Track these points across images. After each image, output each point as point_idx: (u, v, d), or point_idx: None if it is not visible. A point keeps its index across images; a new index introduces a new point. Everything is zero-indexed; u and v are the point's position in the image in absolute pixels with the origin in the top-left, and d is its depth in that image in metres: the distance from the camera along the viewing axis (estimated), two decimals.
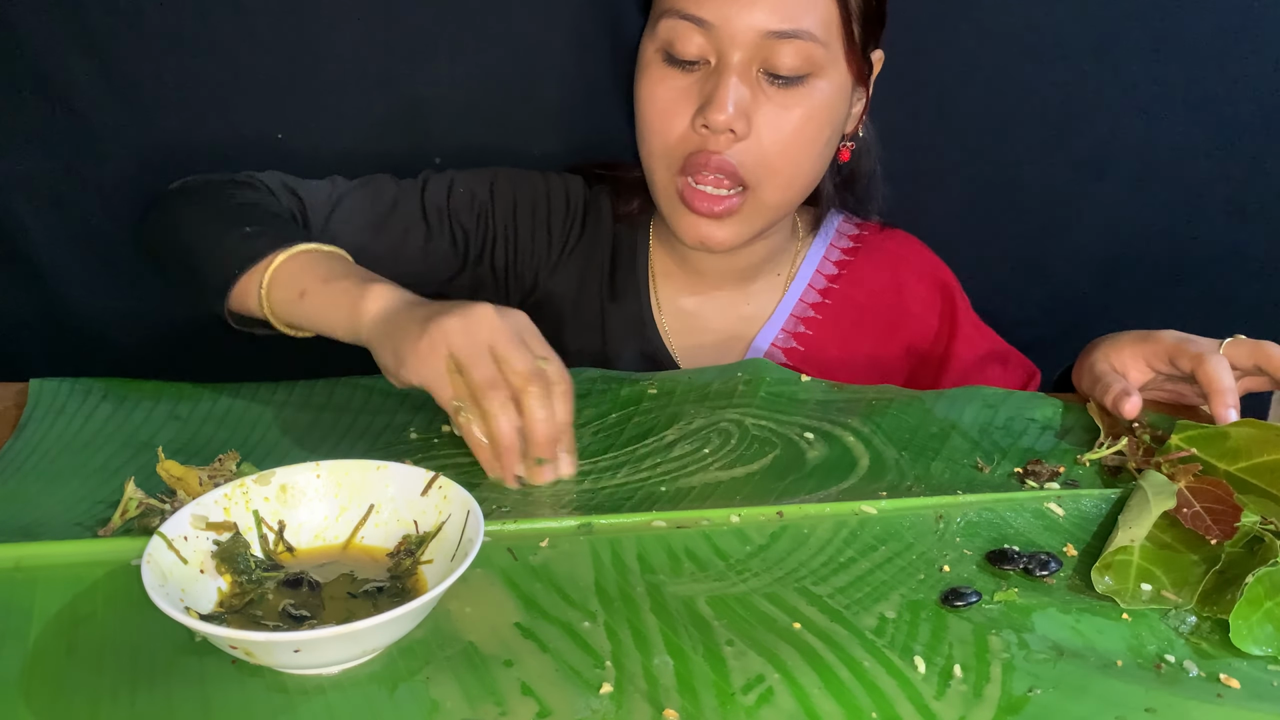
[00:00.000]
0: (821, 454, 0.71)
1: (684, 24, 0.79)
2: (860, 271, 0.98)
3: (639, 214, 0.96)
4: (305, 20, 0.94)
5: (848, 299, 0.97)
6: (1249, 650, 0.52)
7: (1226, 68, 1.03)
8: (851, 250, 0.99)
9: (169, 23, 0.92)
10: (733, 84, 0.79)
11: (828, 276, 0.98)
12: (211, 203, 0.84)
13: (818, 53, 0.80)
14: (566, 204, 0.96)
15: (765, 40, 0.78)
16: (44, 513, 0.61)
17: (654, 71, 0.83)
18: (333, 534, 0.57)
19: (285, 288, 0.75)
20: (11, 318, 1.02)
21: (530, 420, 0.65)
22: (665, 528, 0.61)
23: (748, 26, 0.78)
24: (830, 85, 0.82)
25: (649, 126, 0.84)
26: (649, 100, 0.83)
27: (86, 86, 0.93)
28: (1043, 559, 0.58)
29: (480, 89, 0.99)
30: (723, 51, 0.79)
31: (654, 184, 0.87)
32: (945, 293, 0.99)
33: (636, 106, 0.85)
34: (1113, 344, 0.82)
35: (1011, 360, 1.00)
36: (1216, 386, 0.73)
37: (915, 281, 0.99)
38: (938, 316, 0.99)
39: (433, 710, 0.46)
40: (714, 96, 0.79)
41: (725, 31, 0.78)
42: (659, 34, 0.81)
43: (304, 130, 0.98)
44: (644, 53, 0.84)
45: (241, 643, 0.45)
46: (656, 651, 0.50)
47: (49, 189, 0.97)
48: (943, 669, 0.50)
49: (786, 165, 0.83)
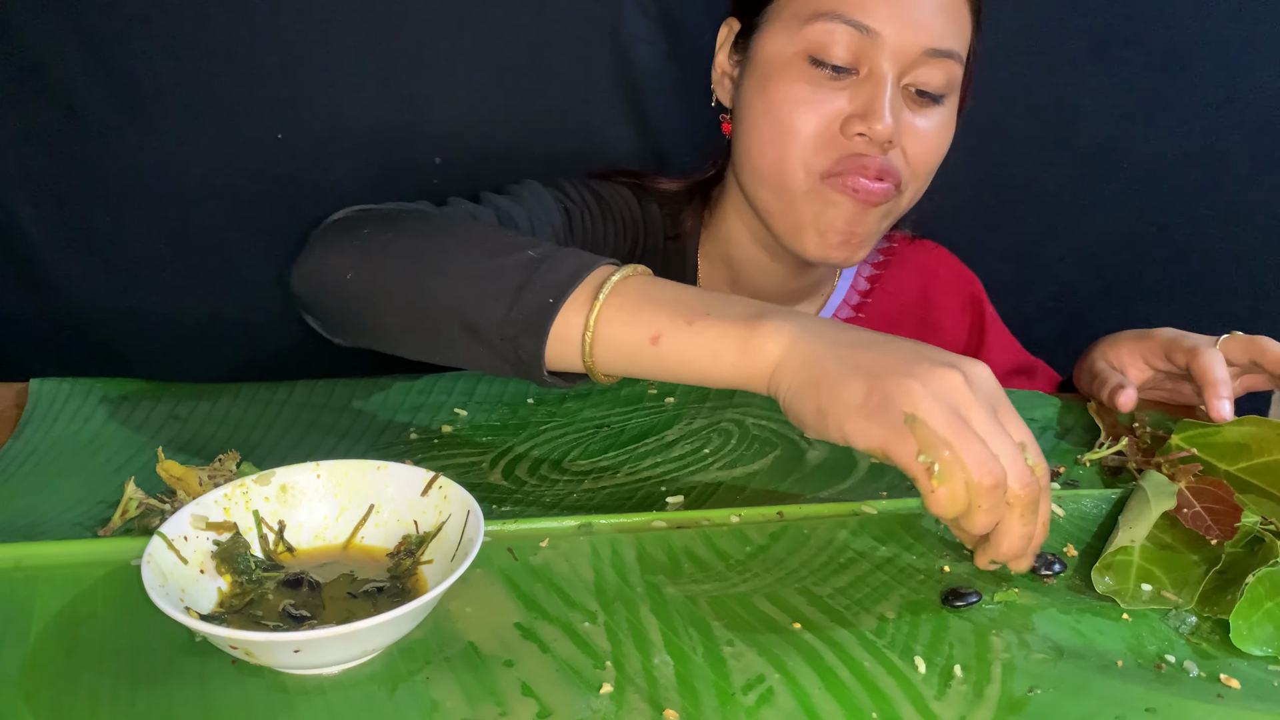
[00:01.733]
0: (822, 454, 0.71)
1: (844, 29, 0.77)
2: (891, 285, 0.98)
3: (690, 232, 0.93)
4: (305, 20, 0.94)
5: (880, 314, 0.97)
6: (1249, 650, 0.52)
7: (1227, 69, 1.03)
8: (882, 264, 0.99)
9: (169, 23, 0.92)
10: (890, 93, 0.77)
11: (861, 293, 0.98)
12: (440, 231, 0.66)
13: (958, 75, 0.80)
14: (628, 215, 0.93)
15: (920, 56, 0.77)
16: (44, 513, 0.61)
17: (796, 72, 0.79)
18: (333, 534, 0.57)
19: (625, 329, 0.58)
20: (11, 318, 1.02)
21: (1007, 532, 0.53)
22: (665, 528, 0.61)
23: (913, 42, 0.76)
24: (954, 106, 0.83)
25: (789, 126, 0.79)
26: (791, 100, 0.79)
27: (86, 86, 0.93)
28: (1047, 559, 0.58)
29: (480, 89, 0.99)
30: (879, 62, 0.77)
31: (788, 188, 0.81)
32: (975, 306, 1.00)
33: (765, 106, 0.81)
34: (1111, 343, 0.83)
35: (1038, 372, 1.01)
36: (1210, 378, 0.73)
37: (945, 295, 0.99)
38: (966, 331, 0.99)
39: (433, 710, 0.46)
40: (875, 106, 0.76)
41: (891, 43, 0.76)
42: (806, 35, 0.78)
43: (304, 130, 0.98)
44: (779, 54, 0.80)
45: (241, 643, 0.45)
46: (656, 651, 0.50)
47: (49, 189, 0.97)
48: (943, 669, 0.50)
49: (924, 174, 0.83)
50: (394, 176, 1.01)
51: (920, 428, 0.50)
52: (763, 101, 0.81)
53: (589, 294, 0.59)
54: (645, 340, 0.58)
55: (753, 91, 0.82)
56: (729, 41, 0.86)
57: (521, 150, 1.02)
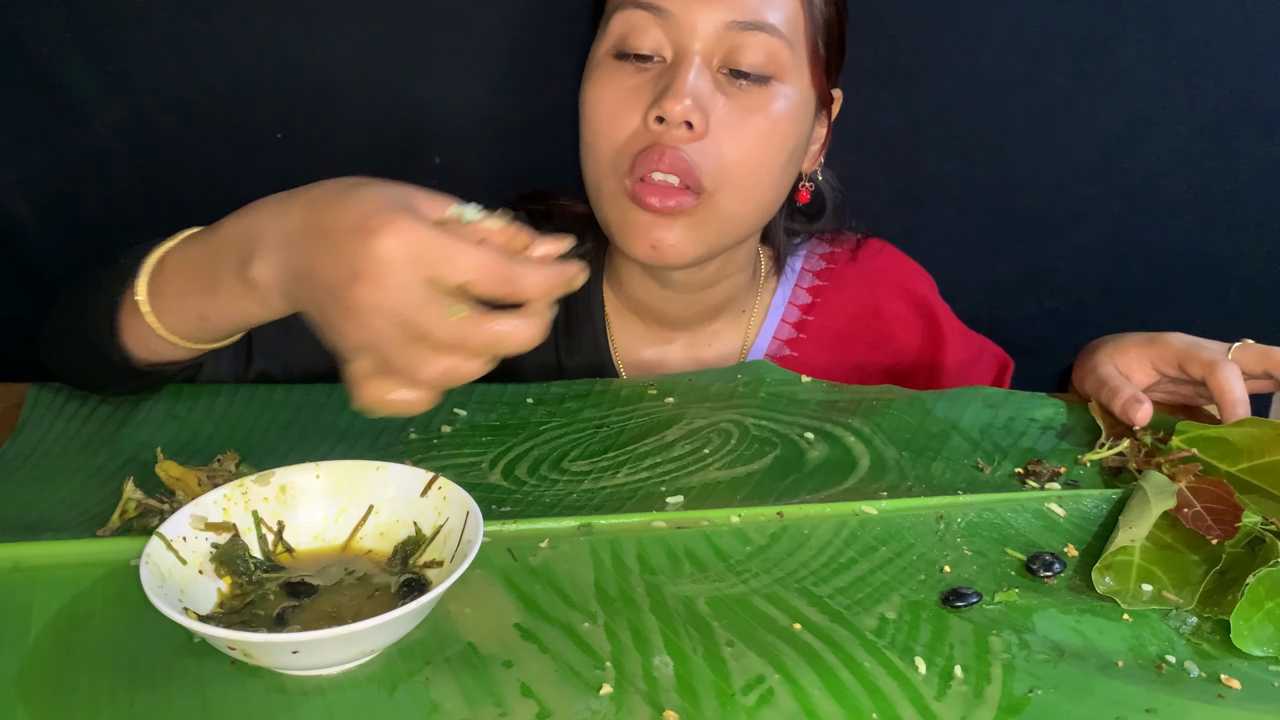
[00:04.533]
0: (822, 454, 0.71)
1: (639, 14, 0.74)
2: (836, 298, 0.94)
3: (593, 261, 0.89)
4: (305, 20, 0.94)
5: (826, 331, 0.93)
6: (1250, 651, 0.52)
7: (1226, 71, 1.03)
8: (825, 273, 0.95)
9: (169, 22, 0.92)
10: (692, 74, 0.73)
11: (801, 307, 0.94)
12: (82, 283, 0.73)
13: (782, 51, 0.75)
14: None
15: (727, 32, 0.73)
16: (43, 513, 0.61)
17: (602, 71, 0.77)
18: (332, 535, 0.57)
19: (181, 320, 0.64)
20: (11, 318, 1.02)
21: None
22: (665, 528, 0.61)
23: (710, 17, 0.73)
24: (794, 93, 0.77)
25: (596, 129, 0.77)
26: (596, 101, 0.77)
27: (86, 86, 0.93)
28: (1046, 559, 0.58)
29: (480, 89, 0.99)
30: (681, 44, 0.74)
31: (601, 198, 0.79)
32: (924, 309, 0.96)
33: (582, 113, 0.79)
34: (1117, 345, 0.81)
35: (985, 352, 0.99)
36: (1230, 398, 0.72)
37: (893, 301, 0.95)
38: (919, 336, 0.96)
39: (432, 711, 0.46)
40: (670, 86, 0.73)
41: (685, 21, 0.73)
42: (611, 29, 0.76)
43: (304, 130, 0.98)
44: (592, 56, 0.79)
45: (240, 644, 0.45)
46: (656, 652, 0.50)
47: (49, 189, 0.97)
48: (943, 669, 0.50)
49: (746, 173, 0.77)
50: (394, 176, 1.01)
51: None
52: (580, 109, 0.79)
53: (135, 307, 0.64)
54: (197, 321, 0.63)
55: (579, 103, 0.80)
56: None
57: (521, 150, 1.02)
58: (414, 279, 0.49)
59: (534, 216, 0.92)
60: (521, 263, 0.51)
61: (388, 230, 0.49)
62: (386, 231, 0.49)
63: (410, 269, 0.49)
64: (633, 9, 0.75)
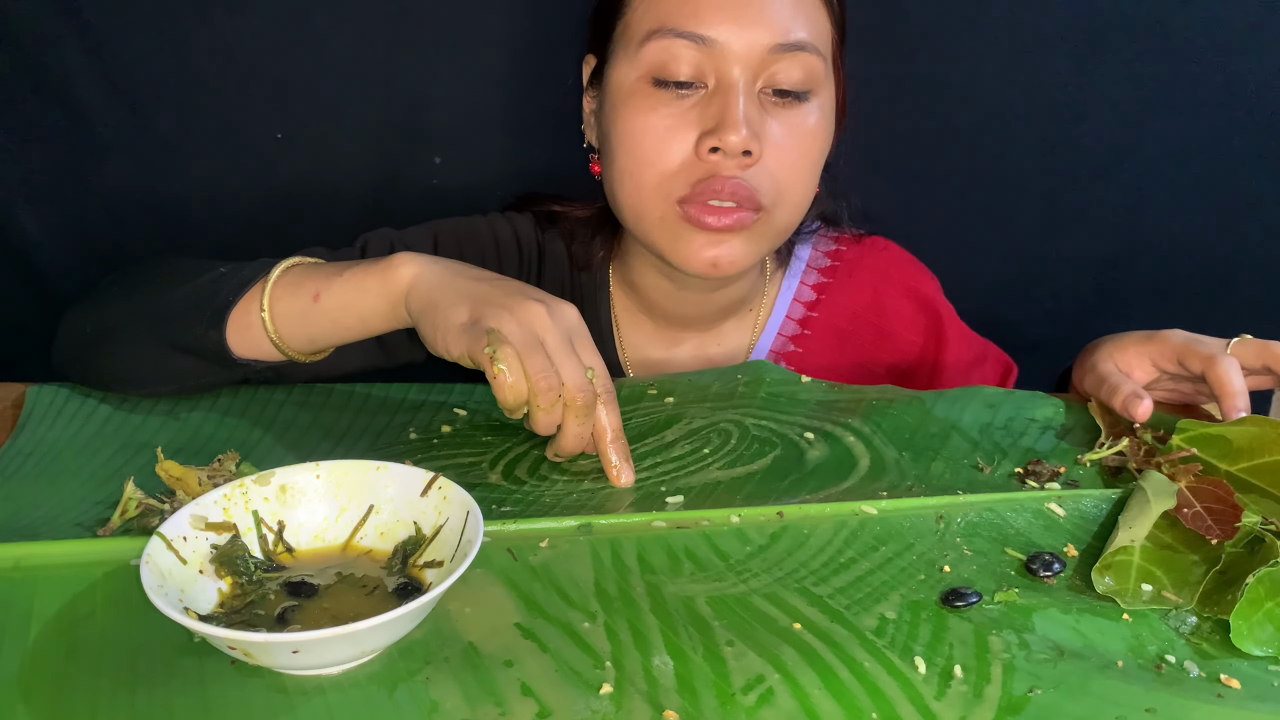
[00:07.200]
0: (822, 454, 0.71)
1: (680, 43, 0.74)
2: (840, 295, 0.95)
3: (600, 263, 0.91)
4: (305, 20, 0.94)
5: (829, 325, 0.94)
6: (1249, 651, 0.52)
7: (1227, 68, 1.03)
8: (830, 270, 0.96)
9: (169, 23, 0.92)
10: (742, 101, 0.74)
11: (806, 304, 0.94)
12: (159, 273, 0.78)
13: (817, 66, 0.77)
14: (518, 248, 0.90)
15: (769, 55, 0.74)
16: (43, 513, 0.61)
17: (641, 99, 0.77)
18: (332, 534, 0.57)
19: (291, 299, 0.69)
20: (11, 318, 1.02)
21: (565, 431, 0.64)
22: (665, 528, 0.61)
23: (753, 42, 0.74)
24: (827, 101, 0.80)
25: (641, 158, 0.77)
26: (641, 131, 0.77)
27: (86, 86, 0.93)
28: (1046, 559, 0.58)
29: (480, 89, 0.99)
30: (724, 71, 0.75)
31: (646, 222, 0.80)
32: (928, 307, 0.96)
33: (619, 141, 0.79)
34: (1116, 343, 0.81)
35: (989, 356, 0.99)
36: (1228, 390, 0.72)
37: (897, 298, 0.96)
38: (922, 334, 0.96)
39: (432, 711, 0.46)
40: (725, 117, 0.73)
41: (729, 49, 0.74)
42: (645, 58, 0.76)
43: (304, 130, 0.98)
44: (623, 83, 0.78)
45: (240, 643, 0.45)
46: (656, 652, 0.50)
47: (49, 189, 0.97)
48: (943, 669, 0.50)
49: (797, 186, 0.79)
50: (394, 176, 1.01)
51: (494, 335, 0.61)
52: (615, 135, 0.79)
53: (261, 285, 0.70)
54: (309, 301, 0.69)
55: (607, 126, 0.80)
56: (589, 79, 0.85)
57: (521, 150, 1.02)
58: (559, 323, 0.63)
59: (539, 219, 0.92)
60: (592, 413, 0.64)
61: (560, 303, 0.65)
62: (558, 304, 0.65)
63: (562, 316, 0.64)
64: (673, 38, 0.75)
